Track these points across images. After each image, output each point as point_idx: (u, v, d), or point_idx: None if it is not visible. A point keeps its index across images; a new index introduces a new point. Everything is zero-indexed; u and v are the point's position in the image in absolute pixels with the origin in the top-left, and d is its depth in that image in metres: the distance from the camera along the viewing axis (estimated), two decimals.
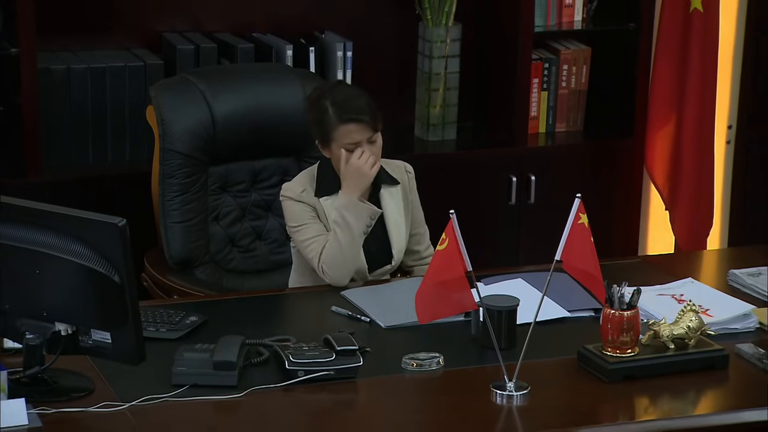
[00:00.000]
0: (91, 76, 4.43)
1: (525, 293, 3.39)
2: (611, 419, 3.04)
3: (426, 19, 4.73)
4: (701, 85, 4.74)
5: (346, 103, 3.58)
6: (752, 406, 3.06)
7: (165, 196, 4.05)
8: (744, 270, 3.74)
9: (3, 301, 2.98)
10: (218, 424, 2.94)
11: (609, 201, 4.88)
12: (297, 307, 3.66)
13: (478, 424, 2.97)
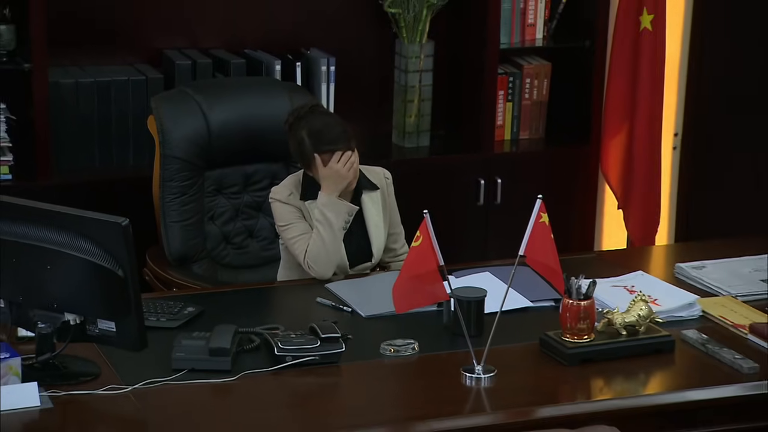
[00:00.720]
0: (98, 89, 4.42)
1: (492, 285, 3.40)
2: (570, 399, 3.06)
3: (402, 37, 4.72)
4: (650, 96, 4.75)
5: (321, 135, 3.58)
6: (696, 386, 3.10)
7: (165, 197, 4.05)
8: (689, 263, 3.77)
9: (17, 294, 2.99)
10: (214, 405, 2.93)
11: (568, 201, 4.88)
12: (285, 298, 3.65)
13: (449, 404, 2.97)
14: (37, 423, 2.79)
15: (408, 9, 4.65)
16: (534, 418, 2.91)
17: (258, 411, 2.90)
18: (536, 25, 4.90)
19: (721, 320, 3.38)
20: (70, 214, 2.92)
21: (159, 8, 4.61)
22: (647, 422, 3.01)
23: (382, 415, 2.96)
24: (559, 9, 4.93)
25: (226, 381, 2.97)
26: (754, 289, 3.59)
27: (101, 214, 2.89)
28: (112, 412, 2.85)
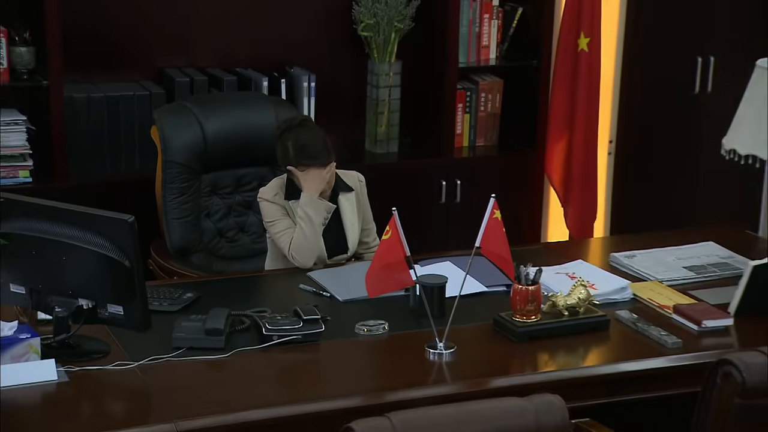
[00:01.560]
0: (107, 102, 4.40)
1: (452, 273, 3.39)
2: (520, 371, 3.07)
3: (373, 57, 4.72)
4: (587, 109, 4.77)
5: (305, 149, 3.58)
6: (628, 359, 3.13)
7: (166, 197, 4.04)
8: (621, 253, 3.78)
9: (36, 282, 2.98)
10: (209, 379, 2.93)
11: (517, 200, 4.88)
12: (272, 285, 3.64)
13: (415, 376, 2.98)
14: (54, 395, 2.78)
15: (378, 33, 4.64)
16: (489, 387, 2.91)
17: (248, 383, 2.90)
18: (490, 47, 4.90)
19: (649, 302, 3.40)
20: (83, 212, 2.92)
21: (161, 32, 4.59)
22: (586, 390, 3.01)
23: (357, 386, 2.96)
24: (509, 32, 4.92)
25: (220, 357, 2.97)
26: (677, 275, 3.61)
27: (110, 212, 2.90)
28: (120, 384, 2.85)
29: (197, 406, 2.76)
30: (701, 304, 3.35)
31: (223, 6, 4.64)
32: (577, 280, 3.31)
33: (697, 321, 3.23)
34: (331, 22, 4.76)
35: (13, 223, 2.91)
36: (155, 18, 4.56)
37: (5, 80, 4.23)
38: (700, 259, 3.73)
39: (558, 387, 2.75)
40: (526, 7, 4.89)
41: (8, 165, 4.25)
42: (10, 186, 4.13)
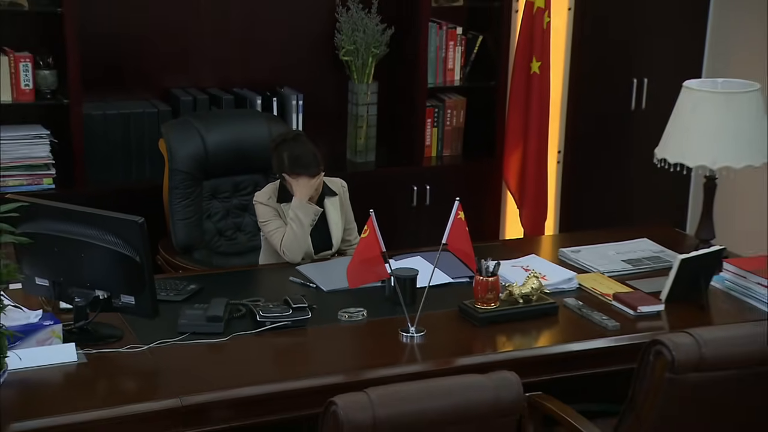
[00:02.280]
0: (120, 119, 4.39)
1: (422, 266, 3.40)
2: (481, 351, 3.08)
3: (353, 78, 4.72)
4: (539, 123, 4.78)
5: (298, 160, 3.57)
6: (574, 340, 3.15)
7: (172, 201, 4.03)
8: (569, 248, 3.79)
9: (59, 276, 2.98)
10: (210, 360, 2.94)
11: (479, 202, 4.89)
12: (265, 277, 3.63)
13: (390, 356, 3.00)
14: (74, 374, 2.78)
15: (357, 58, 4.65)
16: (454, 366, 2.94)
17: (244, 363, 2.91)
18: (454, 70, 4.90)
19: (592, 291, 3.41)
20: (98, 214, 2.92)
21: (167, 57, 4.57)
22: (538, 368, 3.03)
23: (339, 365, 2.97)
24: (471, 57, 4.92)
25: (219, 341, 2.98)
26: (616, 267, 3.61)
27: (123, 214, 2.90)
28: (132, 365, 2.85)
29: (199, 383, 2.76)
30: (637, 293, 3.36)
31: (221, 34, 4.62)
32: (530, 272, 3.33)
33: (633, 307, 3.25)
34: (316, 48, 4.76)
35: (38, 224, 2.91)
36: (162, 44, 4.55)
37: (31, 99, 4.22)
38: (636, 253, 3.74)
39: (514, 365, 2.75)
40: (486, 35, 4.90)
41: (33, 173, 4.23)
42: (35, 192, 4.12)
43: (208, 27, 4.60)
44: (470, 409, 2.46)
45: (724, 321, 3.25)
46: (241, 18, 4.64)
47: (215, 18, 4.60)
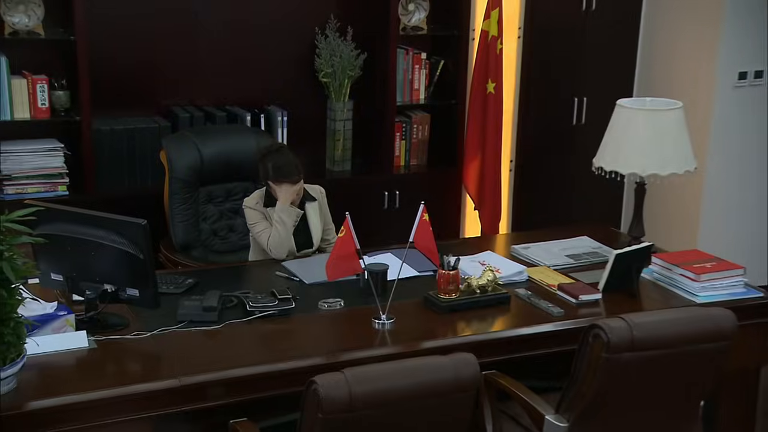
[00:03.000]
0: (126, 133, 4.37)
1: (392, 261, 3.40)
2: (443, 335, 3.07)
3: (331, 97, 4.72)
4: (494, 136, 4.79)
5: (281, 169, 3.57)
6: (524, 325, 3.17)
7: (172, 205, 4.02)
8: (520, 245, 3.79)
9: (72, 271, 2.98)
10: (206, 344, 2.93)
11: (442, 205, 4.90)
12: (254, 272, 3.61)
13: (364, 340, 3.00)
14: (86, 359, 2.77)
15: (335, 79, 4.65)
16: (420, 349, 2.94)
17: (236, 347, 2.91)
18: (420, 90, 4.91)
19: (540, 282, 3.42)
20: (107, 217, 2.92)
21: (168, 78, 4.56)
22: (492, 349, 3.04)
23: (320, 348, 2.97)
24: (434, 79, 4.94)
25: (214, 328, 2.97)
26: (560, 262, 3.63)
27: (128, 217, 2.90)
28: (137, 349, 2.85)
29: (196, 365, 2.76)
30: (578, 283, 3.37)
31: (215, 58, 4.61)
32: (486, 266, 3.33)
33: (574, 296, 3.27)
34: (298, 71, 4.75)
35: (53, 226, 2.90)
36: (163, 67, 4.53)
37: (47, 117, 4.20)
38: (577, 249, 3.75)
39: (472, 347, 2.76)
40: (447, 59, 4.92)
41: (49, 181, 4.22)
42: (51, 198, 4.10)
43: (203, 52, 4.59)
44: (434, 386, 2.46)
45: (653, 307, 3.27)
46: (233, 44, 4.63)
47: (210, 44, 4.59)
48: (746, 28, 4.88)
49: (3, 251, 2.41)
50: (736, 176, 5.08)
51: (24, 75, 4.19)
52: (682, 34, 5.02)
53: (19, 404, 2.53)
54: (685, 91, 4.87)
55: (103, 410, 2.61)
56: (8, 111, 4.14)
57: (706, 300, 3.30)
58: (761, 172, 5.16)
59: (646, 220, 3.90)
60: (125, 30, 4.41)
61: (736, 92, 4.96)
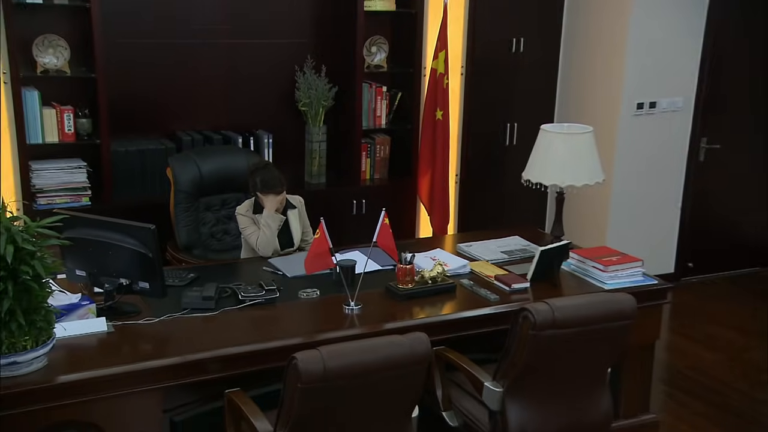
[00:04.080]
0: (138, 153, 4.33)
1: (359, 258, 3.40)
2: (401, 319, 3.07)
3: (309, 123, 4.71)
4: (442, 154, 4.79)
5: (267, 183, 3.57)
6: (467, 309, 3.16)
7: (176, 213, 4.00)
8: (464, 244, 3.81)
9: (93, 268, 2.97)
10: (205, 328, 2.92)
11: (400, 211, 4.89)
12: (245, 267, 3.59)
13: (336, 323, 3.00)
14: (105, 340, 2.76)
15: (311, 108, 4.64)
16: (382, 329, 2.95)
17: (230, 330, 2.90)
18: (381, 116, 4.91)
19: (480, 274, 3.44)
20: (122, 223, 2.91)
21: (173, 108, 4.52)
22: (441, 329, 3.05)
23: (300, 329, 2.97)
24: (393, 107, 4.94)
25: (211, 314, 2.97)
26: (497, 257, 3.65)
27: (140, 223, 2.89)
28: (148, 332, 2.83)
29: (197, 345, 2.76)
30: (511, 275, 3.40)
31: (213, 91, 4.59)
32: (436, 261, 3.36)
33: (508, 284, 3.29)
34: (281, 102, 4.73)
35: (77, 231, 2.89)
36: (168, 98, 4.50)
37: (72, 140, 4.16)
38: (510, 247, 3.78)
39: (425, 328, 2.77)
40: (403, 92, 4.93)
41: (74, 193, 4.17)
42: (76, 207, 4.06)
43: (202, 86, 4.56)
44: (394, 360, 2.48)
45: (570, 293, 3.29)
46: (227, 79, 4.61)
47: (208, 79, 4.56)
48: (643, 67, 4.95)
49: (35, 252, 2.40)
50: (636, 186, 5.15)
51: (53, 106, 4.14)
52: (593, 71, 5.09)
53: (50, 378, 2.52)
54: (595, 118, 4.93)
55: (119, 383, 2.60)
56: (40, 135, 4.10)
57: (613, 287, 3.34)
58: (655, 183, 5.24)
59: (565, 222, 3.94)
60: (137, 68, 4.37)
61: (635, 119, 5.03)
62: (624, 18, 4.86)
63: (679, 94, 5.11)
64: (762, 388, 4.06)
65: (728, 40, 5.14)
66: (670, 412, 3.82)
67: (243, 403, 2.63)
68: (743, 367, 4.28)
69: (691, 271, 5.50)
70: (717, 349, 4.49)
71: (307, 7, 4.68)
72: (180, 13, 4.42)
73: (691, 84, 5.13)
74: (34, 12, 4.05)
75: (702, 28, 5.05)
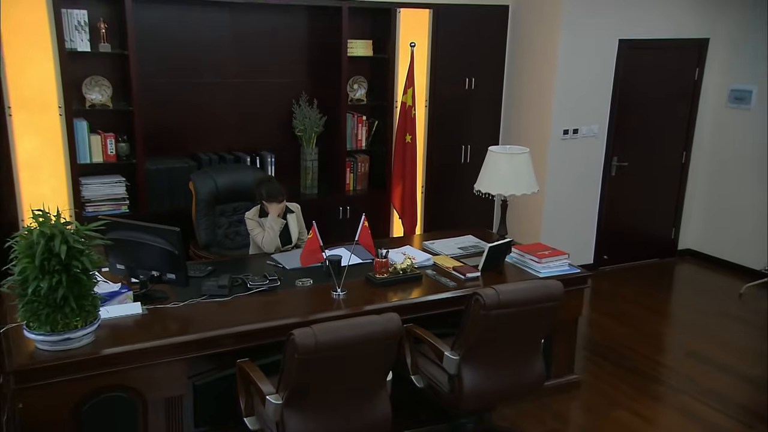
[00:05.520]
0: (167, 170, 4.28)
1: (344, 254, 3.39)
2: (378, 302, 3.07)
3: (303, 145, 4.69)
4: (411, 170, 4.79)
5: (270, 193, 3.57)
6: (431, 294, 3.15)
7: (197, 218, 3.98)
8: (428, 242, 3.82)
9: (131, 263, 2.94)
10: (220, 311, 2.90)
11: (377, 216, 4.89)
12: (252, 262, 3.58)
13: (326, 306, 2.98)
14: (140, 321, 2.74)
15: (306, 133, 4.63)
16: (363, 311, 2.95)
17: (240, 312, 2.88)
18: (362, 140, 4.89)
19: (441, 265, 3.44)
20: (153, 226, 2.89)
21: (194, 133, 4.48)
22: (410, 310, 3.02)
23: (296, 311, 2.95)
24: (372, 132, 4.93)
25: (225, 299, 2.95)
26: (454, 252, 3.66)
27: (168, 226, 2.87)
28: (174, 314, 2.81)
29: (214, 324, 2.75)
30: (465, 266, 3.41)
31: (226, 120, 4.56)
32: (406, 255, 3.36)
33: (463, 274, 3.30)
34: (281, 128, 4.71)
35: (118, 233, 2.87)
36: (191, 126, 4.46)
37: (114, 160, 4.13)
38: (465, 244, 3.80)
39: (397, 309, 2.80)
40: (379, 120, 4.91)
41: (115, 203, 4.13)
42: (117, 214, 4.04)
43: (218, 116, 4.53)
44: (371, 335, 2.48)
45: (512, 280, 3.32)
46: (239, 110, 4.58)
47: (223, 110, 4.54)
48: (567, 102, 5.00)
49: (84, 250, 2.39)
50: (563, 195, 5.20)
51: (98, 133, 4.11)
52: (528, 105, 5.12)
53: (96, 351, 2.51)
54: (530, 141, 4.97)
55: (152, 354, 2.59)
56: (88, 156, 4.06)
57: (545, 275, 3.37)
58: (578, 193, 5.29)
59: (508, 224, 3.97)
60: (166, 103, 4.34)
61: (562, 142, 5.07)
62: (552, 64, 4.91)
63: (595, 123, 5.17)
64: (659, 353, 4.12)
65: (632, 81, 5.22)
66: (590, 372, 3.85)
67: (251, 371, 2.63)
68: (646, 337, 4.34)
69: (606, 262, 5.56)
70: (626, 323, 4.54)
71: (302, 53, 4.67)
72: (200, 59, 4.40)
73: (604, 115, 5.19)
74: (83, 58, 4.02)
75: (612, 72, 5.11)
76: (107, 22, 4.01)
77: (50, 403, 2.44)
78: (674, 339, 4.32)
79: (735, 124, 5.38)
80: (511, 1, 5.08)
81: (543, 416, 3.38)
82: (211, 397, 2.82)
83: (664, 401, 3.56)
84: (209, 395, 2.81)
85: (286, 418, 2.45)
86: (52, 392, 2.43)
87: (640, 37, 5.10)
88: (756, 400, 3.57)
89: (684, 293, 5.08)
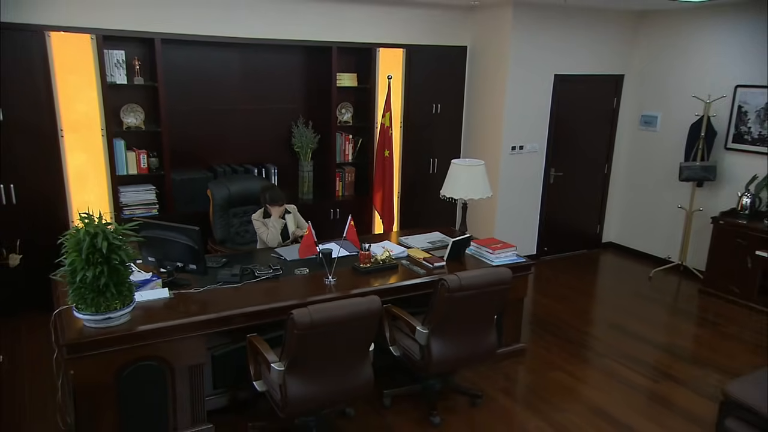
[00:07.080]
0: (190, 180, 4.24)
1: (334, 247, 3.38)
2: (363, 287, 3.05)
3: (301, 159, 4.67)
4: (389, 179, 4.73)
5: (273, 198, 3.55)
6: (406, 280, 3.14)
7: (214, 219, 3.95)
8: (403, 237, 3.81)
9: (160, 256, 2.91)
10: (234, 294, 2.88)
11: (362, 216, 4.87)
12: (259, 255, 3.56)
13: (320, 290, 2.97)
14: (168, 303, 2.73)
15: (303, 149, 4.62)
16: (350, 294, 2.94)
17: (250, 296, 2.87)
18: (349, 154, 4.88)
19: (414, 256, 3.43)
20: (178, 226, 2.87)
21: (211, 148, 4.45)
22: (389, 293, 3.05)
23: (295, 294, 2.94)
24: (357, 148, 4.91)
25: (237, 286, 2.94)
26: (425, 246, 3.65)
27: (190, 225, 2.85)
28: (195, 298, 2.80)
29: (229, 305, 2.74)
30: (434, 257, 3.40)
31: (238, 138, 4.53)
32: (385, 249, 3.36)
33: (431, 263, 3.30)
34: (282, 145, 4.68)
35: (149, 231, 2.85)
36: (208, 145, 4.43)
37: (146, 172, 4.10)
38: (433, 239, 3.79)
39: (378, 292, 2.83)
40: (363, 138, 4.90)
41: (147, 207, 4.09)
42: (148, 216, 4.00)
43: (230, 135, 4.50)
44: (357, 314, 2.49)
45: (471, 268, 3.33)
46: (247, 131, 4.56)
47: (235, 130, 4.51)
48: (515, 124, 5.04)
49: (121, 245, 2.38)
50: (512, 199, 5.22)
51: (133, 150, 4.08)
52: (483, 126, 5.15)
53: (132, 328, 2.50)
54: (485, 155, 5.00)
55: (177, 331, 2.59)
56: (125, 169, 4.04)
57: (498, 264, 3.40)
58: (523, 197, 5.33)
59: (468, 222, 4.00)
60: (188, 125, 4.31)
61: (511, 156, 5.10)
62: (502, 93, 4.95)
63: (536, 141, 5.22)
64: (588, 325, 4.18)
65: (565, 108, 5.29)
66: (534, 341, 3.90)
67: (259, 343, 2.63)
68: (577, 313, 4.40)
69: (546, 253, 5.62)
70: (562, 301, 4.60)
71: (299, 84, 4.66)
72: (216, 89, 4.38)
73: (544, 134, 5.24)
74: (121, 89, 3.99)
75: (549, 100, 5.18)
76: (141, 60, 3.99)
77: (95, 370, 2.44)
78: (599, 314, 4.40)
79: (645, 143, 5.50)
80: (469, 43, 5.12)
81: (496, 377, 3.42)
82: (226, 365, 2.83)
83: (591, 364, 3.62)
84: (225, 363, 2.83)
85: (287, 382, 2.47)
86: (97, 361, 2.43)
87: (571, 72, 5.18)
88: (661, 360, 3.66)
89: (607, 277, 5.17)
